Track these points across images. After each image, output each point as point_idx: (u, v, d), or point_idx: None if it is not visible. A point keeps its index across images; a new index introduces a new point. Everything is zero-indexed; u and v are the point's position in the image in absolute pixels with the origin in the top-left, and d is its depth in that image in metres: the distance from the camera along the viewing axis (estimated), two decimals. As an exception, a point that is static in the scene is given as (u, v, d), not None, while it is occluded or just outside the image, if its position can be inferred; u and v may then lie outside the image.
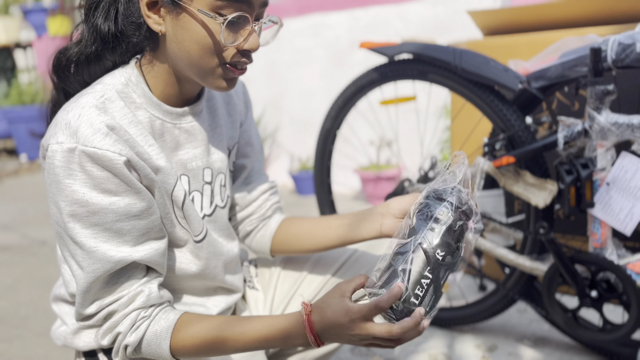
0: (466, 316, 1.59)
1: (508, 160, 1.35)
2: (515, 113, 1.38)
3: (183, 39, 0.80)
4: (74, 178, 0.76)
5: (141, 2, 0.80)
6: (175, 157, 0.90)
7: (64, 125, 0.77)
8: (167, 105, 0.87)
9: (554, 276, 1.34)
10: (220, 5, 0.78)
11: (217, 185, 0.97)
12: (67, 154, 0.75)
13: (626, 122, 1.21)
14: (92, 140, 0.75)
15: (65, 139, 0.75)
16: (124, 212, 0.78)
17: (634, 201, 1.24)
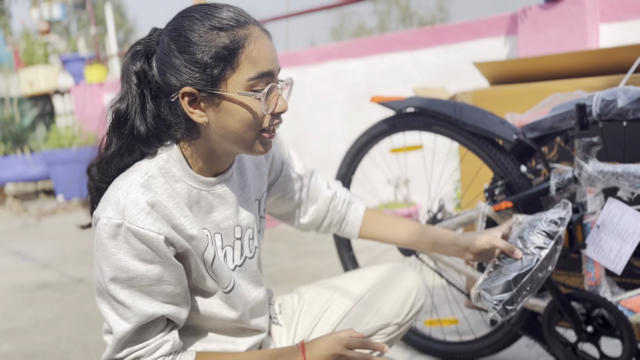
0: (475, 350, 1.69)
1: (506, 205, 1.48)
2: (512, 161, 1.51)
3: (227, 122, 0.93)
4: (118, 248, 0.89)
5: (182, 103, 0.92)
6: (210, 218, 1.02)
7: (114, 202, 0.89)
8: (202, 177, 1.00)
9: (553, 312, 1.44)
10: (253, 83, 0.91)
11: (246, 239, 1.10)
12: (114, 228, 0.88)
13: (611, 171, 1.32)
14: (136, 219, 0.88)
15: (114, 215, 0.88)
16: (157, 278, 0.92)
17: (622, 243, 1.34)
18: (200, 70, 0.90)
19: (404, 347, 1.88)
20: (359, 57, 3.61)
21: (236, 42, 0.90)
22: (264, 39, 0.93)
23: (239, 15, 0.92)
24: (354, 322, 1.25)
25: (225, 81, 0.91)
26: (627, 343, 1.33)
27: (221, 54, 0.90)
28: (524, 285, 1.13)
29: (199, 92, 0.91)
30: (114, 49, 7.24)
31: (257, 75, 0.91)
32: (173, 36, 0.92)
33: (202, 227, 1.01)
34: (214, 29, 0.90)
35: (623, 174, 1.30)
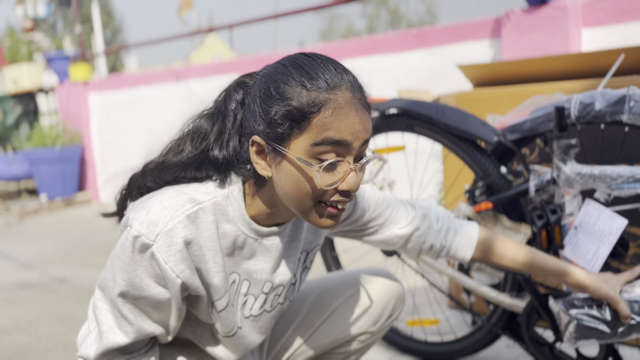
0: (455, 350, 1.70)
1: (487, 206, 1.49)
2: (493, 163, 1.52)
3: (284, 182, 0.87)
4: (139, 264, 0.86)
5: (251, 151, 0.89)
6: (245, 264, 0.98)
7: (153, 220, 0.85)
8: (255, 224, 0.95)
9: (531, 312, 1.46)
10: (318, 150, 0.83)
11: (272, 295, 1.05)
12: (142, 246, 0.85)
13: (588, 173, 1.34)
14: (164, 250, 0.85)
15: (146, 233, 0.85)
16: (165, 303, 0.90)
17: (598, 244, 1.36)
18: (268, 124, 0.86)
19: (385, 347, 1.88)
20: (346, 58, 3.62)
21: (313, 104, 0.82)
22: (349, 107, 0.83)
23: (333, 77, 0.84)
24: (330, 327, 1.24)
25: (290, 140, 0.85)
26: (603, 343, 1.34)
27: (292, 114, 0.83)
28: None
29: (266, 145, 0.87)
30: (100, 47, 7.19)
31: (322, 141, 0.83)
32: (263, 81, 0.89)
33: (234, 270, 0.97)
34: (299, 85, 0.84)
35: (600, 175, 1.32)
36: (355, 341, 1.26)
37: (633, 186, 1.28)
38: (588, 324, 1.21)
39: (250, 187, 0.94)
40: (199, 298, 0.95)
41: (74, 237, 4.06)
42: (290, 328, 1.23)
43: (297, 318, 1.24)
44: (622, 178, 1.29)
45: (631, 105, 1.28)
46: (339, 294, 1.25)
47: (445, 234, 1.22)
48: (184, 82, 4.74)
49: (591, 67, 1.76)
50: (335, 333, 1.23)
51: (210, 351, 1.05)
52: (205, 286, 0.93)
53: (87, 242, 3.86)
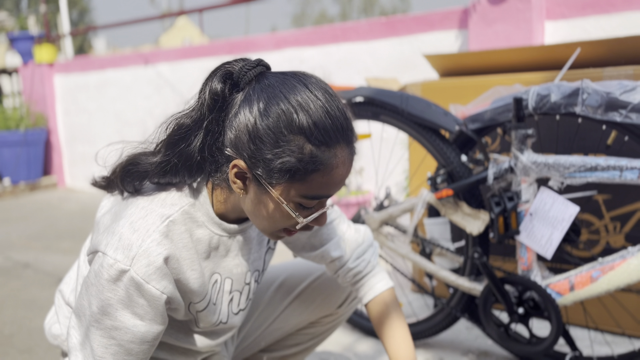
0: (417, 332, 1.76)
1: (447, 193, 1.54)
2: (454, 151, 1.57)
3: (261, 210, 0.87)
4: (114, 293, 0.83)
5: (230, 171, 0.85)
6: (224, 263, 0.98)
7: (126, 246, 0.83)
8: (225, 224, 0.95)
9: (488, 295, 1.52)
10: (304, 201, 0.85)
11: (253, 282, 1.06)
12: (118, 273, 0.82)
13: (543, 162, 1.40)
14: (144, 271, 0.83)
15: (122, 259, 0.82)
16: (141, 336, 0.86)
17: (552, 229, 1.43)
18: (264, 165, 0.82)
19: (350, 329, 1.93)
20: (316, 45, 3.63)
21: (315, 163, 0.81)
22: (343, 166, 0.84)
23: (333, 129, 0.81)
24: (298, 310, 1.27)
25: (281, 186, 0.84)
26: (554, 324, 1.42)
27: (292, 170, 0.81)
28: None
29: (251, 174, 0.84)
30: (66, 28, 7.01)
31: (313, 196, 0.85)
32: (262, 106, 0.82)
33: (214, 271, 0.97)
34: (302, 135, 0.80)
35: (554, 164, 1.38)
36: (320, 323, 1.30)
37: (584, 175, 1.35)
38: None
39: (219, 191, 0.92)
40: (177, 309, 0.94)
41: (38, 221, 3.99)
42: (257, 311, 1.26)
43: (263, 301, 1.27)
44: (574, 167, 1.35)
45: (584, 98, 1.34)
46: (304, 278, 1.28)
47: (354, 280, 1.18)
48: (152, 65, 4.68)
49: (550, 59, 1.83)
50: (301, 315, 1.27)
51: (187, 342, 1.04)
52: (183, 294, 0.92)
53: (53, 227, 3.81)
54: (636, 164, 1.29)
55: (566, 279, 1.42)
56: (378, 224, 1.75)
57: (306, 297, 1.27)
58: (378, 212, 1.76)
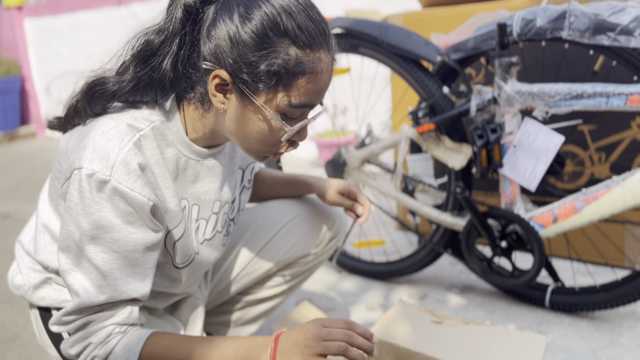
0: (400, 269, 1.75)
1: (429, 127, 1.49)
2: (436, 83, 1.51)
3: (243, 126, 0.85)
4: (101, 205, 0.80)
5: (210, 81, 0.82)
6: (192, 189, 0.95)
7: (102, 155, 0.80)
8: (195, 146, 0.92)
9: (471, 230, 1.50)
10: (290, 110, 0.84)
11: (222, 214, 1.03)
12: (99, 184, 0.79)
13: (528, 91, 1.35)
14: (126, 180, 0.80)
15: (101, 169, 0.79)
16: (142, 243, 0.84)
17: (536, 161, 1.39)
18: (249, 70, 0.80)
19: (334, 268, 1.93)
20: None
21: (301, 66, 0.80)
22: (327, 71, 0.84)
23: (317, 33, 0.81)
24: (274, 248, 1.23)
25: (265, 93, 0.82)
26: (537, 256, 1.40)
27: (280, 72, 0.80)
28: None
29: (233, 84, 0.82)
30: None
31: (299, 105, 0.84)
32: (242, 11, 0.80)
33: (182, 196, 0.94)
34: (287, 37, 0.79)
35: (539, 93, 1.33)
36: (299, 263, 1.28)
37: (570, 103, 1.30)
38: None
39: (192, 110, 0.89)
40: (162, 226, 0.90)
41: (18, 172, 3.91)
42: (233, 252, 1.23)
43: (240, 242, 1.23)
44: (559, 95, 1.30)
45: (571, 21, 1.27)
46: (282, 217, 1.24)
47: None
48: (126, 6, 4.47)
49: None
50: (278, 255, 1.24)
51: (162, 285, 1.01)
52: (162, 215, 0.89)
53: (32, 176, 3.73)
54: (623, 89, 1.23)
55: (549, 211, 1.39)
56: (359, 162, 1.70)
57: (281, 238, 1.23)
58: (359, 150, 1.71)
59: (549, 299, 1.50)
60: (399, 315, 1.19)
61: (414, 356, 1.08)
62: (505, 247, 1.47)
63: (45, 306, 0.99)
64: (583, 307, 1.46)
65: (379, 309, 1.63)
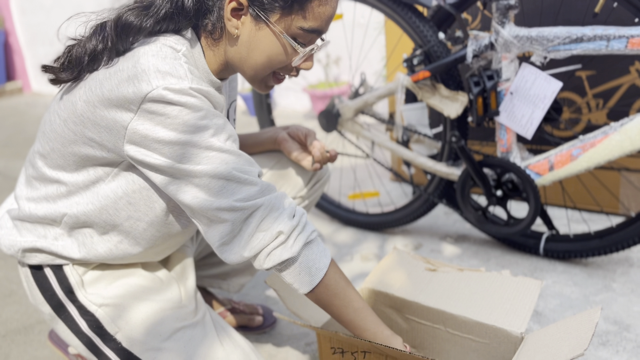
0: (395, 220, 1.75)
1: (424, 75, 1.45)
2: (432, 29, 1.46)
3: (255, 48, 0.87)
4: (193, 110, 0.79)
5: (227, 7, 0.83)
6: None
7: (169, 70, 0.79)
8: (213, 75, 0.92)
9: (466, 179, 1.49)
10: (300, 33, 0.86)
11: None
12: (183, 91, 0.78)
13: (526, 35, 1.30)
14: (198, 84, 0.81)
15: (175, 81, 0.78)
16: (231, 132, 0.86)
17: (533, 108, 1.36)
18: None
19: (328, 220, 1.92)
20: None
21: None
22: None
23: None
24: None
25: (280, 15, 0.84)
26: (532, 204, 1.40)
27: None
28: None
29: (248, 7, 0.84)
30: None
31: (310, 29, 0.86)
32: None
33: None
34: None
35: (537, 38, 1.29)
36: None
37: (569, 47, 1.26)
38: None
39: (204, 40, 0.90)
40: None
41: (6, 128, 3.85)
42: None
43: None
44: (558, 39, 1.26)
45: (572, -40, 1.22)
46: (265, 163, 1.21)
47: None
48: (109, -46, 4.30)
49: None
50: None
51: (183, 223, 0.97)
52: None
53: (21, 133, 3.68)
54: (624, 32, 1.20)
55: (546, 159, 1.38)
56: (353, 112, 1.67)
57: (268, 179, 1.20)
58: (353, 100, 1.68)
59: (543, 246, 1.51)
60: (393, 264, 1.19)
61: (409, 305, 1.08)
62: (500, 196, 1.46)
63: (36, 264, 0.97)
64: (577, 254, 1.47)
65: (373, 259, 1.64)
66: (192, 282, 1.07)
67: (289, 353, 1.24)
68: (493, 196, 1.47)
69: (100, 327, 0.94)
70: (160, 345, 0.93)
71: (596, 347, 1.17)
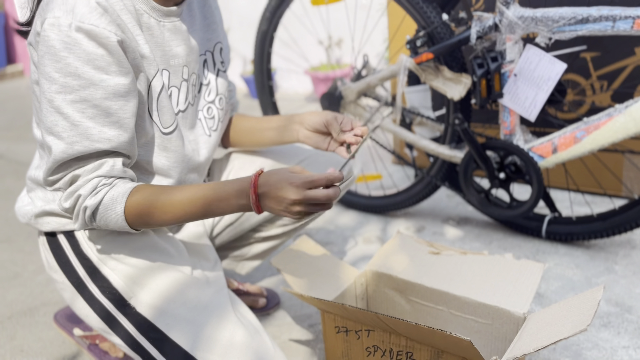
0: (397, 202, 1.75)
1: (427, 57, 1.44)
2: (435, 10, 1.44)
3: None
4: (69, 51, 0.79)
5: None
6: (160, 51, 0.93)
7: (61, 2, 0.79)
8: (153, 2, 0.90)
9: (469, 162, 1.48)
10: None
11: (190, 83, 1.00)
12: (64, 29, 0.78)
13: (531, 16, 1.29)
14: (89, 17, 0.79)
15: (62, 15, 0.78)
16: (113, 91, 0.82)
17: (537, 90, 1.35)
18: None
19: (331, 203, 1.92)
20: None
21: None
22: None
23: None
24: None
25: None
26: (535, 186, 1.40)
27: None
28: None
29: None
30: None
31: None
32: None
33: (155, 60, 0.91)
34: None
35: (542, 18, 1.27)
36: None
37: (574, 28, 1.25)
38: None
39: None
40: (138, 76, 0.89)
41: (7, 111, 3.84)
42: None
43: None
44: (563, 20, 1.25)
45: (579, -61, 1.20)
46: (294, 159, 1.21)
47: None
48: None
49: None
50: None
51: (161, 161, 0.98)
52: (136, 59, 0.87)
53: (23, 116, 3.67)
54: (630, 12, 1.18)
55: (549, 141, 1.37)
56: (356, 94, 1.66)
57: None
58: (355, 82, 1.67)
59: (545, 229, 1.51)
60: (396, 247, 1.19)
61: (412, 287, 1.08)
62: (503, 179, 1.46)
63: (50, 231, 1.00)
64: (579, 237, 1.47)
65: (376, 242, 1.64)
66: (213, 255, 1.07)
67: (293, 334, 1.25)
68: (496, 179, 1.46)
69: (114, 293, 0.94)
70: (174, 311, 0.92)
71: (598, 328, 1.18)
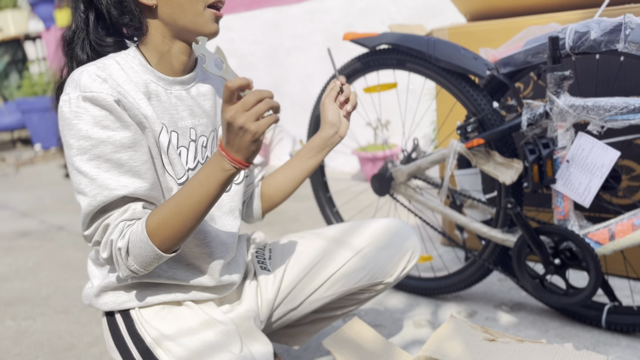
0: (448, 285, 1.73)
1: (478, 142, 1.47)
2: (485, 98, 1.49)
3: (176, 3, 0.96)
4: (79, 119, 0.90)
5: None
6: (168, 115, 1.01)
7: (70, 81, 0.92)
8: (159, 72, 1.00)
9: (523, 246, 1.47)
10: None
11: (199, 144, 1.06)
12: (74, 101, 0.90)
13: (582, 105, 1.32)
14: (91, 86, 0.90)
15: (71, 90, 0.91)
16: (120, 144, 0.91)
17: (590, 176, 1.35)
18: None
19: (380, 284, 1.92)
20: (338, -5, 3.50)
21: None
22: None
23: None
24: (345, 276, 1.21)
25: None
26: (593, 274, 1.36)
27: None
28: None
29: None
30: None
31: None
32: None
33: (161, 120, 0.99)
34: None
35: (593, 107, 1.30)
36: (370, 290, 1.27)
37: (626, 117, 1.26)
38: None
39: (142, 42, 1.00)
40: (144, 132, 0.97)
41: (68, 185, 4.06)
42: (304, 280, 1.22)
43: (312, 269, 1.22)
44: (615, 109, 1.27)
45: (627, 34, 1.24)
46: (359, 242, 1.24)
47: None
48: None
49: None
50: (350, 280, 1.22)
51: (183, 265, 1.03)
52: (139, 118, 0.95)
53: (84, 190, 3.87)
54: (684, 103, 1.20)
55: (606, 228, 1.35)
56: (406, 176, 1.70)
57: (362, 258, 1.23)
58: (406, 164, 1.71)
59: (605, 318, 1.45)
60: (450, 332, 1.18)
61: (467, 375, 1.06)
62: (558, 265, 1.44)
63: (109, 310, 1.04)
64: (642, 328, 1.41)
65: (427, 325, 1.61)
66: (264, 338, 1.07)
67: (342, 420, 1.22)
68: (551, 264, 1.44)
69: None
70: None
71: None
